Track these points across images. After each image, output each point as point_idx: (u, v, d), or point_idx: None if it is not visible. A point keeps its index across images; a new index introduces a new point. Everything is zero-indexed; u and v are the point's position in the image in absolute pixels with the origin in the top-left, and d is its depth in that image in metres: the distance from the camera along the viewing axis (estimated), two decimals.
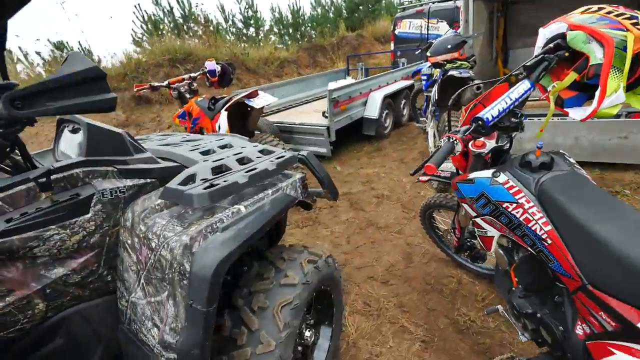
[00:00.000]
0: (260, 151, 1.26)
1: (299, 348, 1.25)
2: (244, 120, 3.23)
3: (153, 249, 0.89)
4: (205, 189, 0.90)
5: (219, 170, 1.08)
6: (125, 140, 1.08)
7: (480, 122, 1.03)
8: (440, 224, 2.04)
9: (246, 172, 1.04)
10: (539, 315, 1.10)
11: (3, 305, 0.81)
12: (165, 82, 3.27)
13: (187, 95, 3.28)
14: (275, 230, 1.64)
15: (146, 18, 8.07)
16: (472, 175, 1.18)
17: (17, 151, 0.99)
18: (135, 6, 8.05)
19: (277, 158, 1.17)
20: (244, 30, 9.99)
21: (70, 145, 1.15)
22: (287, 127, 4.19)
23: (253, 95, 2.91)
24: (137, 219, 0.96)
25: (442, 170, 1.60)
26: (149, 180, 1.08)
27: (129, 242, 0.98)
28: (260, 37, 10.08)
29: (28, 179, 0.88)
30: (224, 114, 2.85)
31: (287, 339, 1.01)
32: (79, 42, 7.85)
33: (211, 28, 8.52)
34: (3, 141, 0.90)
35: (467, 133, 1.04)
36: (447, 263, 2.09)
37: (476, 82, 1.89)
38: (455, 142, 1.01)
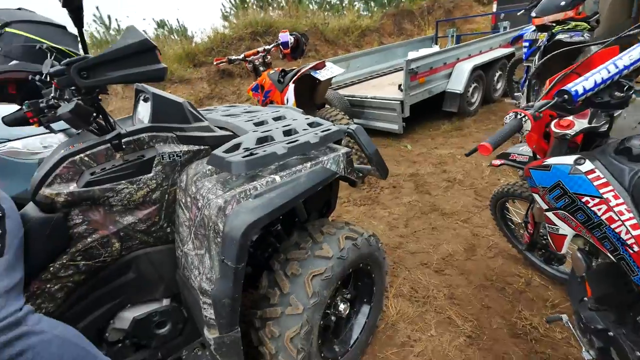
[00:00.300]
0: (310, 124, 1.30)
1: (332, 318, 1.34)
2: (312, 92, 3.31)
3: (199, 208, 1.04)
4: (244, 157, 1.00)
5: (264, 140, 1.16)
6: (185, 109, 1.22)
7: (566, 95, 0.86)
8: (513, 216, 1.86)
9: (287, 143, 1.10)
10: (611, 333, 0.96)
11: (90, 240, 1.05)
12: (242, 56, 3.50)
13: (261, 68, 3.47)
14: (325, 205, 1.72)
15: None
16: (549, 161, 1.02)
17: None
18: None
19: (323, 131, 1.19)
20: None
21: (143, 112, 1.36)
22: (358, 101, 4.15)
23: (319, 66, 2.93)
24: (190, 181, 1.12)
25: (519, 154, 1.44)
26: (202, 147, 1.23)
27: (183, 200, 1.15)
28: (344, 4, 9.90)
29: (105, 141, 1.09)
30: (291, 87, 2.96)
31: (315, 306, 1.10)
32: (177, 19, 8.84)
33: None
34: (88, 107, 1.05)
35: (543, 109, 0.90)
36: (517, 261, 1.91)
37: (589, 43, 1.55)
38: (523, 119, 0.88)
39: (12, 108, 1.16)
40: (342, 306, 1.34)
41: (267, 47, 3.46)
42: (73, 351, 0.81)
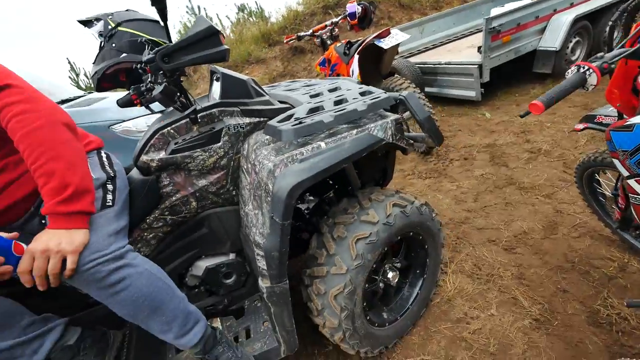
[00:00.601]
0: (362, 93, 1.28)
1: (381, 285, 1.34)
2: (378, 62, 3.17)
3: (257, 172, 1.12)
4: (293, 125, 1.04)
5: (315, 110, 1.18)
6: (248, 86, 1.31)
7: None
8: (605, 189, 1.56)
9: (334, 112, 1.11)
10: None
11: (175, 199, 1.23)
12: (310, 31, 3.50)
13: (329, 42, 3.44)
14: (382, 175, 1.69)
15: None
16: (632, 120, 0.85)
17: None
18: None
19: (372, 99, 1.17)
20: None
21: (215, 90, 1.49)
22: (431, 68, 3.83)
23: (383, 35, 2.77)
24: (250, 149, 1.21)
25: (606, 116, 1.20)
26: (262, 119, 1.31)
27: (245, 166, 1.25)
28: None
29: (184, 116, 1.23)
30: (355, 58, 2.88)
31: (358, 268, 1.12)
32: (256, 1, 9.17)
33: None
34: (172, 87, 1.23)
35: (616, 59, 0.75)
36: (611, 243, 1.62)
37: None
38: (588, 73, 0.75)
39: (124, 93, 1.39)
40: (390, 274, 1.34)
41: (334, 20, 3.40)
42: (158, 283, 0.98)
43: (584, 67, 0.76)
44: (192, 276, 1.31)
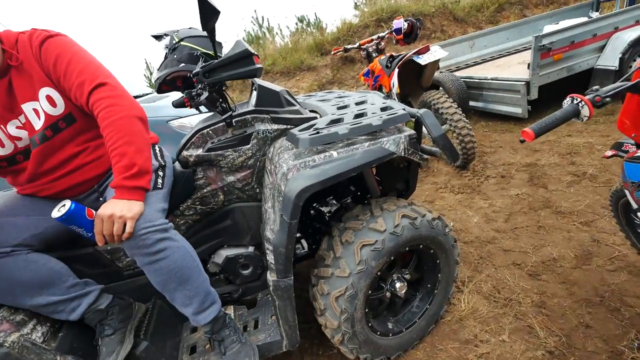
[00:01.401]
0: (383, 108, 1.28)
1: (387, 294, 1.31)
2: (419, 76, 3.08)
3: (276, 174, 1.18)
4: (310, 135, 1.08)
5: (336, 122, 1.21)
6: (281, 96, 1.37)
7: None
8: None
9: (351, 125, 1.12)
10: None
11: (205, 191, 1.33)
12: (357, 44, 3.52)
13: (374, 55, 3.43)
14: (406, 186, 1.65)
15: None
16: None
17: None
18: None
19: (389, 115, 1.17)
20: None
21: (252, 98, 1.58)
22: (476, 83, 3.62)
23: (423, 51, 2.70)
24: (275, 152, 1.27)
25: (632, 145, 1.06)
26: (289, 126, 1.36)
27: (269, 167, 1.31)
28: None
29: (221, 120, 1.33)
30: (395, 72, 2.84)
31: (361, 273, 1.11)
32: (315, 13, 9.38)
33: None
34: (215, 95, 1.33)
35: (611, 93, 0.71)
36: None
37: None
38: (581, 105, 0.72)
39: (178, 95, 1.53)
40: (398, 284, 1.30)
41: (381, 34, 3.39)
42: (190, 260, 1.07)
43: (577, 99, 0.74)
44: (214, 263, 1.40)
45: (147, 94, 3.37)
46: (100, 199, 1.16)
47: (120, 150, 0.93)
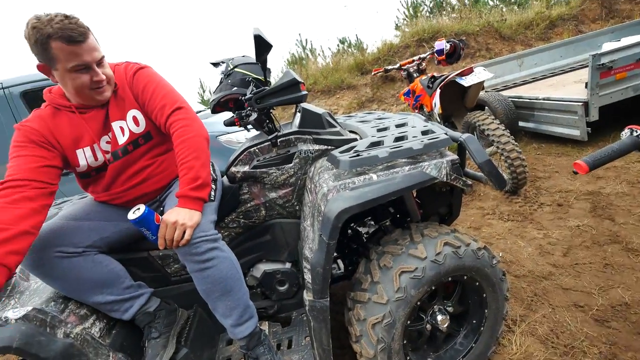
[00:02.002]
0: (424, 132, 1.26)
1: (428, 326, 1.23)
2: (463, 96, 3.00)
3: (316, 193, 1.18)
4: (350, 157, 1.08)
5: (376, 144, 1.21)
6: (323, 119, 1.41)
7: None
8: None
9: (391, 148, 1.11)
10: None
11: (249, 205, 1.38)
12: (397, 65, 3.54)
13: (415, 75, 3.42)
14: (449, 211, 1.58)
15: (409, 3, 8.61)
16: None
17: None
18: None
19: (430, 139, 1.15)
20: None
21: (296, 120, 1.64)
22: (526, 103, 3.43)
23: (466, 72, 2.63)
24: (315, 172, 1.29)
25: None
26: (330, 147, 1.38)
27: (310, 186, 1.32)
28: None
29: (267, 140, 1.39)
30: (437, 92, 2.79)
31: (400, 301, 1.06)
32: (356, 34, 9.64)
33: (467, 0, 7.91)
34: (263, 117, 1.39)
35: None
36: None
37: None
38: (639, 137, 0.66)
39: (228, 115, 1.63)
40: (440, 317, 1.22)
41: (422, 55, 3.38)
42: (234, 271, 1.12)
43: (637, 131, 0.71)
44: (252, 277, 1.42)
45: (200, 111, 3.64)
46: (161, 208, 1.26)
47: (189, 164, 1.05)
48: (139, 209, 1.01)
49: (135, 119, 1.16)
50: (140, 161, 1.19)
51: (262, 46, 1.25)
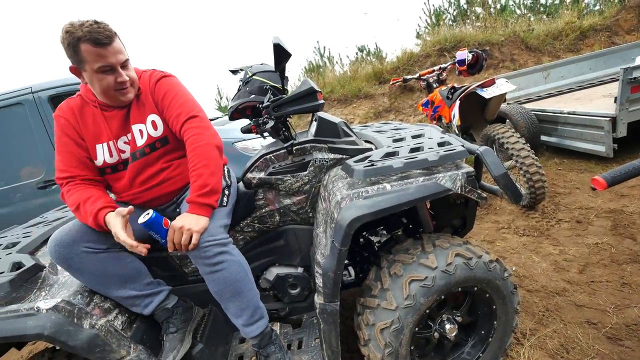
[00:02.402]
0: (440, 143, 1.31)
1: (435, 334, 1.28)
2: (483, 108, 3.01)
3: (330, 200, 1.26)
4: (364, 167, 1.15)
5: (391, 154, 1.27)
6: (339, 128, 1.46)
7: None
8: None
9: (406, 159, 1.17)
10: None
11: (264, 211, 1.47)
12: (417, 75, 3.58)
13: (434, 85, 3.44)
14: (462, 223, 1.62)
15: (432, 11, 8.61)
16: None
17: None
18: (424, 3, 8.80)
19: (446, 151, 1.19)
20: (542, 0, 8.36)
21: (312, 128, 1.72)
22: (550, 116, 3.40)
23: (487, 84, 2.64)
24: (330, 180, 1.36)
25: None
26: (344, 156, 1.45)
27: (323, 194, 1.40)
28: (565, 2, 8.08)
29: (283, 147, 1.47)
30: (457, 104, 2.82)
31: (408, 309, 1.11)
32: (375, 43, 9.72)
33: (492, 9, 7.85)
34: (279, 125, 1.46)
35: None
36: None
37: None
38: None
39: (245, 122, 1.72)
40: (448, 326, 1.26)
41: (443, 65, 3.41)
42: (244, 274, 1.20)
43: None
44: (265, 279, 1.51)
45: (217, 118, 3.80)
46: (178, 209, 1.35)
47: (199, 171, 1.11)
48: (148, 213, 1.08)
49: (154, 124, 1.25)
50: (157, 164, 1.27)
51: (281, 55, 1.28)
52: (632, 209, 2.31)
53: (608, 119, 2.79)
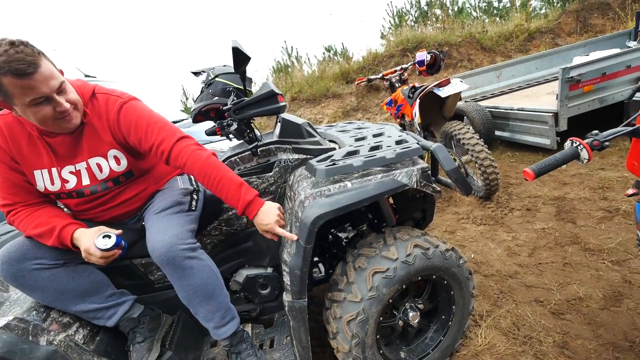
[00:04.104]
0: (398, 141, 1.37)
1: (400, 322, 1.35)
2: (441, 106, 3.18)
3: (295, 200, 1.29)
4: (327, 166, 1.19)
5: (352, 153, 1.32)
6: (302, 128, 1.48)
7: None
8: None
9: (365, 157, 1.22)
10: None
11: (231, 213, 1.46)
12: (380, 75, 3.69)
13: (397, 85, 3.57)
14: (422, 215, 1.71)
15: (395, 12, 8.86)
16: None
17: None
18: (387, 4, 9.04)
19: (402, 148, 1.26)
20: (494, 3, 8.89)
21: (276, 130, 1.74)
22: (502, 113, 3.64)
23: (443, 84, 2.81)
24: (294, 180, 1.38)
25: None
26: (309, 156, 1.49)
27: (289, 194, 1.42)
28: (515, 5, 8.63)
29: (248, 149, 1.47)
30: (417, 102, 2.95)
31: (372, 300, 1.17)
32: (342, 43, 9.84)
33: (450, 11, 8.23)
34: (243, 127, 1.46)
35: (610, 137, 0.77)
36: None
37: None
38: (580, 148, 0.77)
39: (210, 124, 1.70)
40: (411, 313, 1.34)
41: (404, 66, 3.54)
42: (213, 277, 1.19)
43: (576, 143, 0.79)
44: (235, 282, 1.51)
45: (183, 119, 3.69)
46: (142, 222, 1.29)
47: (225, 179, 1.12)
48: (109, 236, 1.05)
49: (116, 159, 1.15)
50: (121, 195, 1.21)
51: (241, 58, 1.25)
52: (572, 196, 2.54)
53: (551, 114, 3.04)
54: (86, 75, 3.61)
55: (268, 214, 1.12)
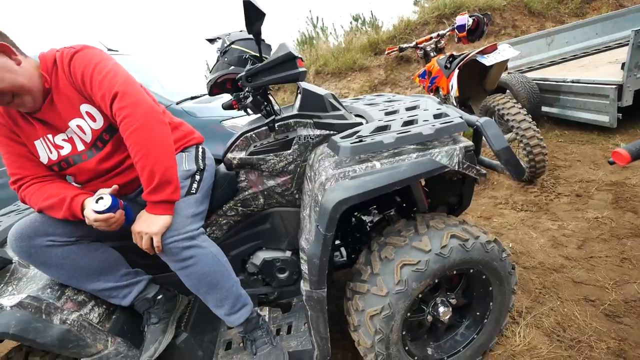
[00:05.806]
0: (436, 115, 1.20)
1: (429, 317, 1.24)
2: (483, 77, 2.87)
3: (315, 181, 1.17)
4: (352, 143, 1.05)
5: (382, 129, 1.16)
6: (325, 100, 1.34)
7: None
8: None
9: (398, 133, 1.07)
10: None
11: (247, 193, 1.38)
12: (413, 43, 3.39)
13: (432, 54, 3.27)
14: (459, 201, 1.55)
15: None
16: None
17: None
18: None
19: (442, 123, 1.09)
20: None
21: (296, 102, 1.60)
22: (552, 85, 3.26)
23: (489, 50, 2.48)
24: (315, 159, 1.26)
25: None
26: (332, 132, 1.35)
27: (309, 174, 1.31)
28: None
29: (264, 124, 1.36)
30: (455, 73, 2.67)
31: (399, 294, 1.06)
32: (371, 11, 9.27)
33: None
34: (259, 99, 1.34)
35: None
36: None
37: None
38: None
39: (228, 97, 1.59)
40: (442, 309, 1.22)
41: (440, 32, 3.22)
42: (219, 266, 1.13)
43: None
44: (252, 264, 1.45)
45: (204, 94, 3.62)
46: None
47: (141, 164, 0.96)
48: (101, 198, 0.98)
49: (89, 115, 1.06)
50: (115, 155, 1.12)
51: (253, 15, 1.08)
52: (634, 181, 2.24)
53: (614, 86, 2.66)
54: (109, 49, 3.59)
55: (143, 225, 1.00)
